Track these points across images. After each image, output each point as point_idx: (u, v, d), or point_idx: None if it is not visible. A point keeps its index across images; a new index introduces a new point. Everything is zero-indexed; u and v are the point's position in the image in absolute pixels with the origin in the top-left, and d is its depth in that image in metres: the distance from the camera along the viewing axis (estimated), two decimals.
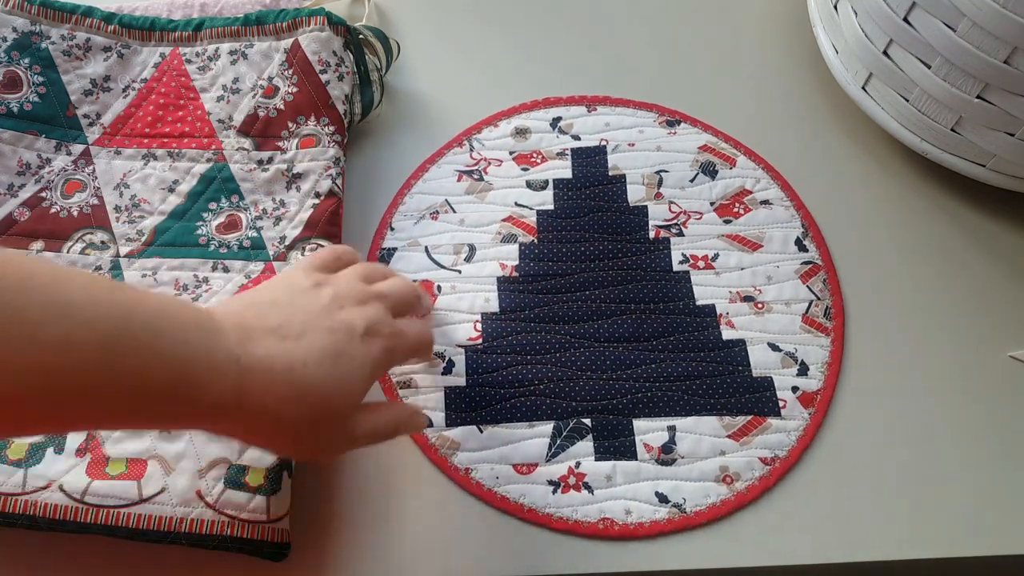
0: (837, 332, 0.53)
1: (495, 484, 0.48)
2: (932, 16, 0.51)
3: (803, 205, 0.58)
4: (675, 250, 0.56)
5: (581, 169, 0.59)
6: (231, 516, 0.43)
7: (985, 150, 0.55)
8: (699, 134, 0.61)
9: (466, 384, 0.51)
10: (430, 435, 0.49)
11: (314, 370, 0.38)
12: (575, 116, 0.62)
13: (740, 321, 0.53)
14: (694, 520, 0.47)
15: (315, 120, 0.57)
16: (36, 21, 0.59)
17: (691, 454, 0.49)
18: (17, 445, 0.45)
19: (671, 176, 0.59)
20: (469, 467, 0.48)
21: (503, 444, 0.49)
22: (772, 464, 0.48)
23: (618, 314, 0.53)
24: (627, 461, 0.48)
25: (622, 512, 0.47)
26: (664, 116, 0.62)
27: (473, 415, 0.50)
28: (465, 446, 0.49)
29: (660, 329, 0.53)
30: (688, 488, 0.48)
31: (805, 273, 0.55)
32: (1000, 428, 0.51)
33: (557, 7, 0.70)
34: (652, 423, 0.50)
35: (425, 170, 0.60)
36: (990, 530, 0.47)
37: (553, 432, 0.49)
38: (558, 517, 0.47)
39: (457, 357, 0.52)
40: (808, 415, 0.50)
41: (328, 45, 0.58)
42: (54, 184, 0.56)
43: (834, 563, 0.47)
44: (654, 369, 0.51)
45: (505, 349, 0.52)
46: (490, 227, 0.57)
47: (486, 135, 0.61)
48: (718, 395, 0.50)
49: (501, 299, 0.54)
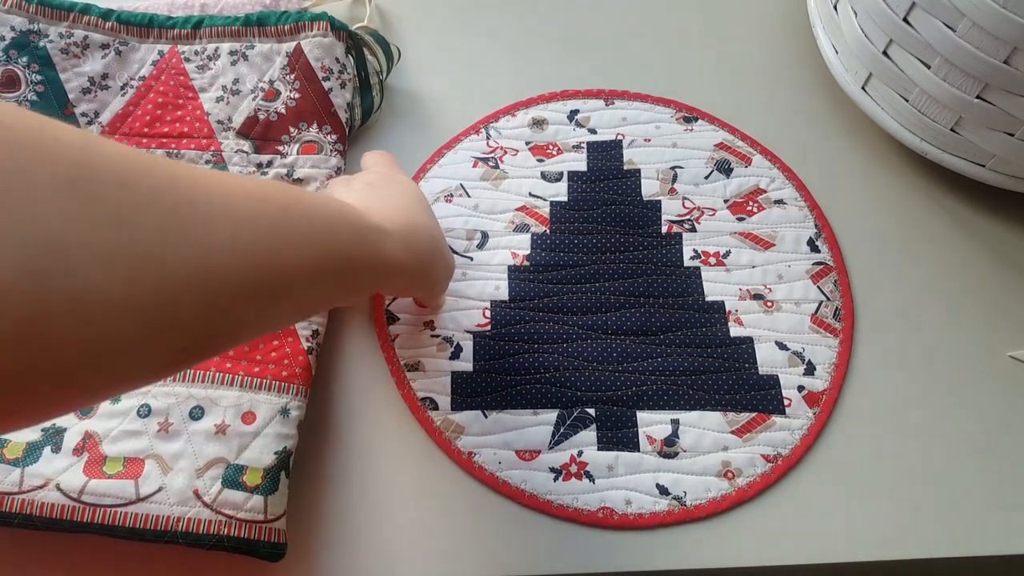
0: (846, 334, 0.53)
1: (497, 469, 0.48)
2: (932, 16, 0.51)
3: (817, 206, 0.58)
4: (687, 246, 0.56)
5: (596, 162, 0.59)
6: (228, 516, 0.43)
7: (985, 150, 0.55)
8: (716, 131, 0.61)
9: (473, 370, 0.51)
10: (435, 417, 0.50)
11: (416, 246, 0.44)
12: (592, 109, 0.62)
13: (749, 319, 0.53)
14: (694, 513, 0.47)
15: (317, 127, 0.57)
16: (34, 19, 0.59)
17: (694, 448, 0.49)
18: (14, 444, 0.45)
19: (686, 172, 0.59)
20: (472, 451, 0.49)
21: (507, 430, 0.49)
22: (774, 462, 0.48)
23: (627, 307, 0.53)
24: (629, 452, 0.49)
25: (622, 502, 0.47)
26: (682, 112, 0.62)
27: (478, 400, 0.50)
28: (469, 430, 0.49)
29: (668, 323, 0.53)
30: (689, 481, 0.48)
31: (816, 274, 0.55)
32: (1000, 428, 0.51)
33: (557, 6, 0.69)
34: (656, 416, 0.50)
35: (441, 155, 0.60)
36: (989, 530, 0.47)
37: (557, 420, 0.49)
38: (558, 504, 0.47)
39: (465, 342, 0.52)
40: (813, 415, 0.50)
41: (331, 51, 0.58)
42: None
43: (833, 563, 0.47)
44: (660, 363, 0.51)
45: (513, 337, 0.52)
46: (504, 215, 0.57)
47: (504, 124, 0.61)
48: (723, 391, 0.51)
49: (511, 287, 0.54)
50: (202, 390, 0.47)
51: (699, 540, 0.47)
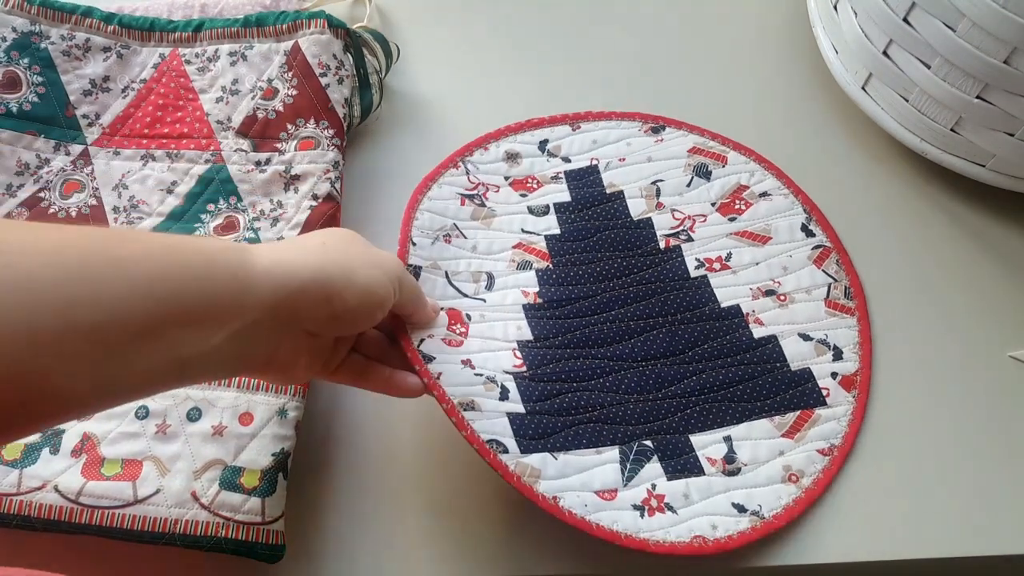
0: (861, 311, 0.54)
1: (585, 512, 0.46)
2: (932, 16, 0.51)
3: (801, 191, 0.58)
4: (688, 256, 0.56)
5: (578, 191, 0.58)
6: (226, 517, 0.43)
7: (985, 150, 0.54)
8: (685, 136, 0.61)
9: (525, 411, 0.49)
10: (508, 461, 0.46)
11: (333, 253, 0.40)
12: (561, 137, 0.61)
13: (767, 317, 0.53)
14: (775, 524, 0.47)
15: (314, 123, 0.57)
16: (36, 21, 0.59)
17: (753, 460, 0.49)
18: (12, 445, 0.45)
19: (667, 184, 0.59)
20: (557, 495, 0.46)
21: (579, 471, 0.47)
22: (830, 454, 0.49)
23: (648, 330, 0.53)
24: (696, 477, 0.48)
25: (709, 527, 0.46)
26: (648, 123, 0.61)
27: (543, 443, 0.48)
28: (546, 474, 0.47)
29: (692, 339, 0.52)
30: (760, 494, 0.48)
31: (818, 257, 0.55)
32: (999, 428, 0.50)
33: (557, 4, 0.69)
34: (708, 436, 0.49)
35: (428, 187, 0.57)
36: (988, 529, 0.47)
37: (620, 456, 0.48)
38: (654, 541, 0.46)
39: (508, 383, 0.49)
40: (853, 397, 0.51)
41: (328, 48, 0.58)
42: (53, 184, 0.56)
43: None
44: (696, 381, 0.51)
45: (551, 377, 0.50)
46: (502, 255, 0.56)
47: (479, 158, 0.60)
48: (763, 396, 0.51)
49: (532, 327, 0.52)
50: (200, 391, 0.47)
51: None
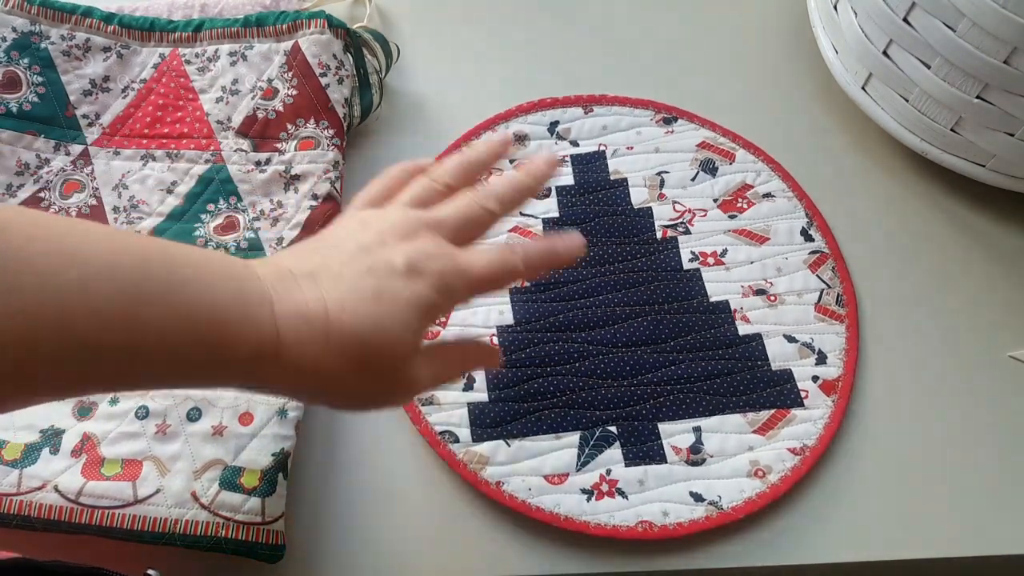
0: (851, 319, 0.53)
1: (528, 496, 0.47)
2: (932, 16, 0.51)
3: (806, 195, 0.58)
4: (684, 248, 0.56)
5: (582, 175, 0.59)
6: (226, 517, 0.43)
7: (985, 150, 0.54)
8: (696, 130, 0.61)
9: (488, 400, 0.50)
10: (457, 450, 0.48)
11: (351, 315, 0.34)
12: (572, 119, 0.61)
13: (755, 315, 0.53)
14: (732, 516, 0.46)
15: (314, 123, 0.57)
16: (36, 21, 0.59)
17: (720, 453, 0.48)
18: (12, 445, 0.45)
19: (672, 176, 0.59)
20: (501, 480, 0.47)
21: (532, 457, 0.48)
22: (802, 454, 0.48)
23: (633, 317, 0.53)
24: (657, 465, 0.48)
25: (659, 514, 0.46)
26: (661, 113, 0.62)
27: (499, 430, 0.49)
28: (494, 460, 0.48)
29: (676, 329, 0.52)
30: (721, 486, 0.47)
31: (814, 262, 0.55)
32: (999, 428, 0.50)
33: (557, 5, 0.69)
34: (677, 425, 0.49)
35: None
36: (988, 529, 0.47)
37: (580, 442, 0.49)
38: (595, 523, 0.46)
39: (478, 373, 0.51)
40: (832, 402, 0.50)
41: (328, 48, 0.58)
42: (53, 184, 0.56)
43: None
44: (674, 371, 0.51)
45: (525, 362, 0.51)
46: (497, 238, 0.56)
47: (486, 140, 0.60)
48: (740, 392, 0.50)
49: (515, 310, 0.53)
50: (200, 391, 0.47)
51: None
